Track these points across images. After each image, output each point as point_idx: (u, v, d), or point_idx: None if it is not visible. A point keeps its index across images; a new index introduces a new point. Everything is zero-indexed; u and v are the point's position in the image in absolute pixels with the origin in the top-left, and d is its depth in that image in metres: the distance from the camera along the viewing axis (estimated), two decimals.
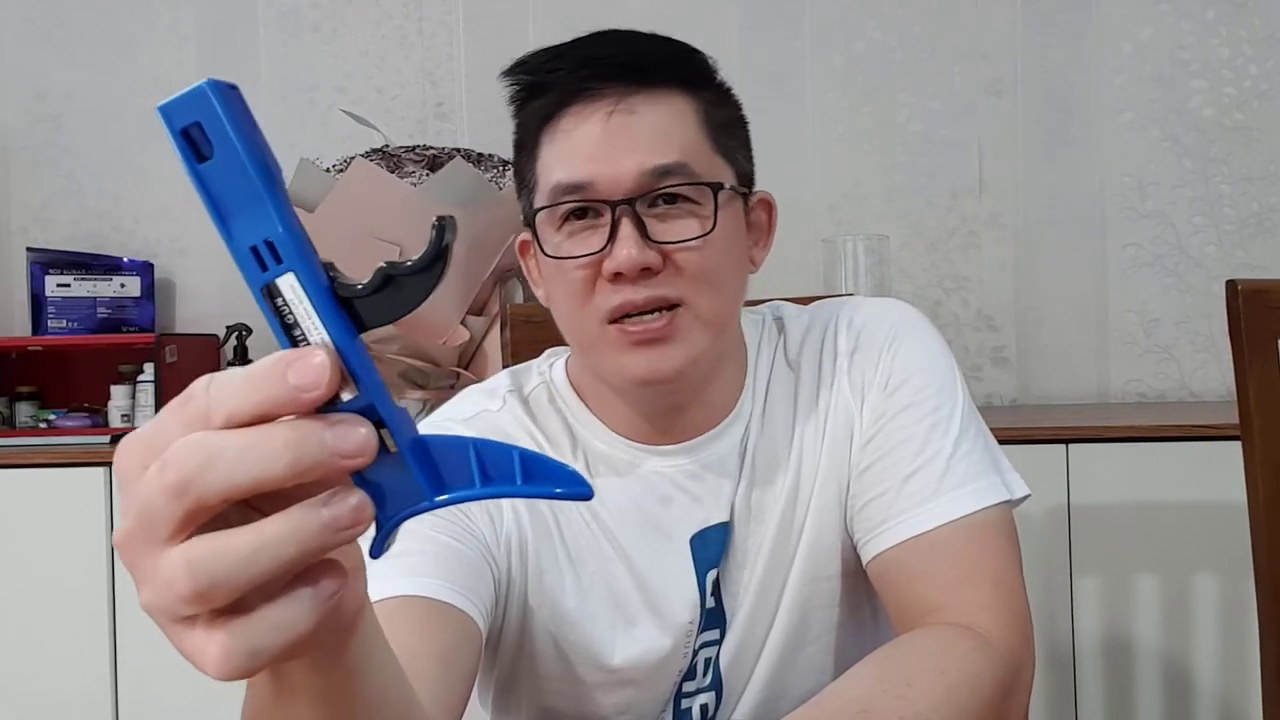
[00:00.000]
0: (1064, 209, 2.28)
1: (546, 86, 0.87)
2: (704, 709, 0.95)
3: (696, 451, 0.93)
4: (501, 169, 2.04)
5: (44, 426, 2.20)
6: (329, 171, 2.03)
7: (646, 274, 0.84)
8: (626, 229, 0.84)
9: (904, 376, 0.92)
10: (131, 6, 2.44)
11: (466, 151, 2.09)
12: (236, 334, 2.26)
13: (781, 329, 0.99)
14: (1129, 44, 2.27)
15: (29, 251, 2.30)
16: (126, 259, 2.35)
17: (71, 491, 1.92)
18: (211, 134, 0.39)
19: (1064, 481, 1.73)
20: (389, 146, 2.11)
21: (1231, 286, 1.22)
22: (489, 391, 0.98)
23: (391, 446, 0.41)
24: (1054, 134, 2.28)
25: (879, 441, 0.91)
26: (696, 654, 0.94)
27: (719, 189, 0.87)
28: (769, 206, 0.96)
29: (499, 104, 0.93)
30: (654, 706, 0.94)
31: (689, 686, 0.95)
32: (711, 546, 0.93)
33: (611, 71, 0.85)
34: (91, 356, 2.26)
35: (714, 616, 0.94)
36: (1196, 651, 1.72)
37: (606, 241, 0.84)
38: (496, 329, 1.99)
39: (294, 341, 0.41)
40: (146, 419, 1.93)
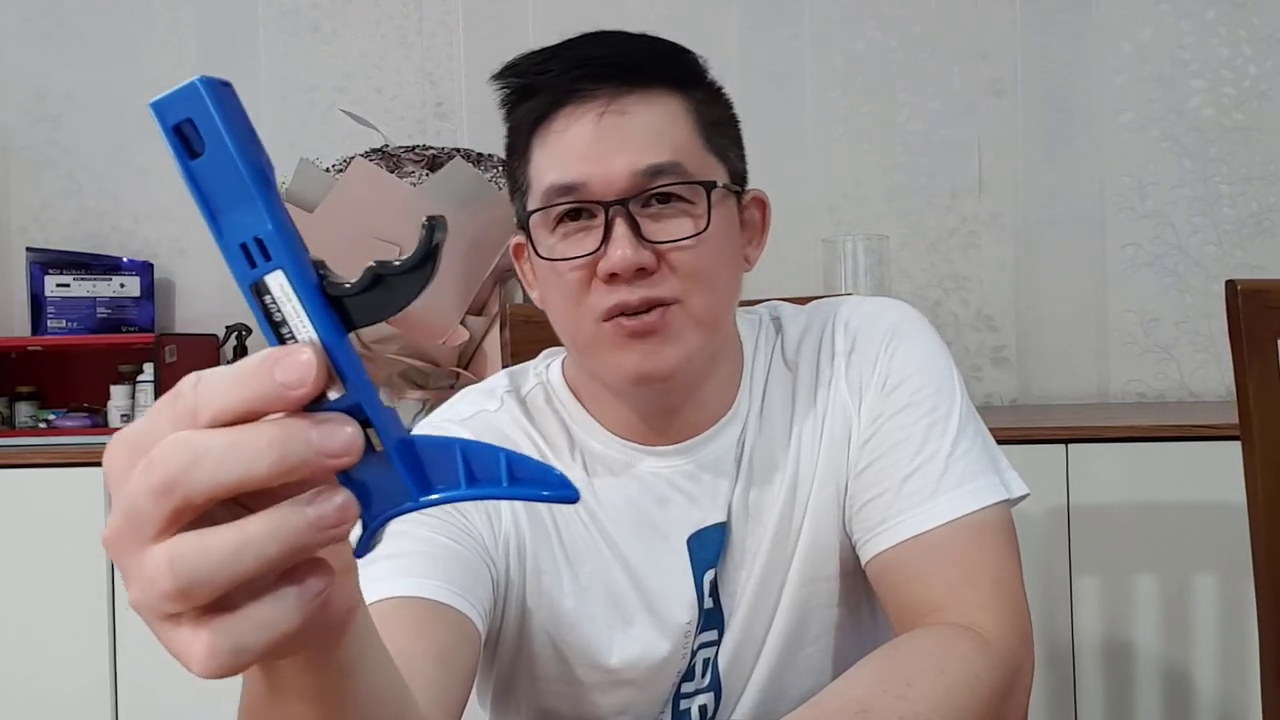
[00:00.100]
0: (1064, 209, 2.28)
1: (537, 88, 0.87)
2: (703, 710, 0.95)
3: (693, 452, 0.93)
4: (501, 169, 2.04)
5: (43, 426, 2.20)
6: (329, 171, 2.03)
7: (641, 274, 0.84)
8: (620, 229, 0.84)
9: (902, 376, 0.92)
10: (131, 6, 2.44)
11: (466, 151, 2.09)
12: (236, 334, 2.26)
13: (779, 329, 0.99)
14: (1129, 44, 2.27)
15: (29, 251, 2.30)
16: (126, 259, 2.35)
17: (71, 491, 1.92)
18: (203, 130, 0.39)
19: (1064, 481, 1.73)
20: (389, 146, 2.11)
21: (1231, 286, 1.22)
22: (487, 392, 0.98)
23: (378, 446, 0.41)
24: (1054, 134, 2.28)
25: (877, 441, 0.91)
26: (695, 655, 0.94)
27: (712, 187, 0.87)
28: (762, 205, 0.96)
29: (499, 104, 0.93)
30: (653, 707, 0.94)
31: (687, 687, 0.95)
32: (709, 547, 0.93)
33: (602, 72, 0.85)
34: (91, 356, 2.26)
35: (712, 617, 0.93)
36: (1196, 651, 1.71)
37: (601, 242, 0.84)
38: (496, 329, 1.99)
39: (282, 339, 0.41)
40: None
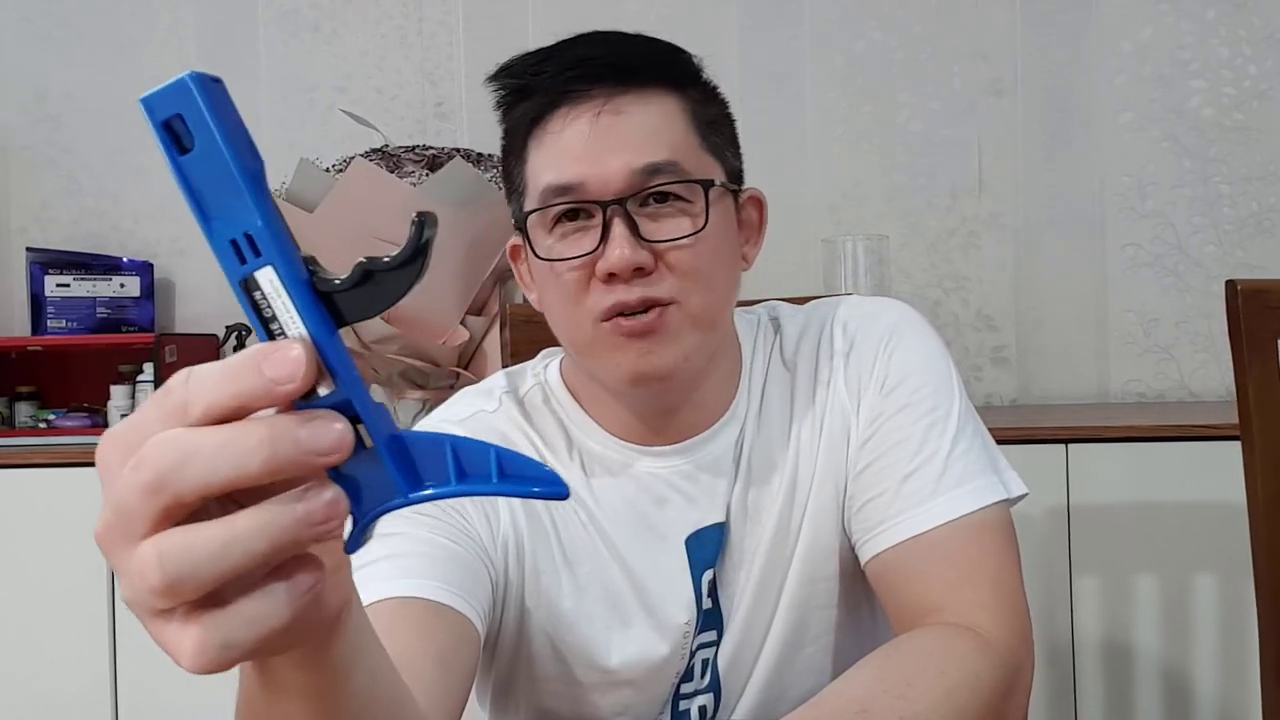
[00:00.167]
0: (1064, 209, 2.28)
1: (533, 89, 0.87)
2: (702, 710, 0.95)
3: (691, 452, 0.93)
4: (501, 169, 2.04)
5: (43, 426, 2.20)
6: (329, 171, 2.03)
7: (639, 274, 0.84)
8: (619, 229, 0.84)
9: (900, 376, 0.92)
10: (131, 6, 2.44)
11: (466, 151, 2.09)
12: (236, 334, 2.26)
13: (777, 329, 0.99)
14: (1129, 44, 2.26)
15: (29, 251, 2.29)
16: (126, 259, 2.35)
17: (71, 492, 1.91)
18: (193, 126, 0.39)
19: (1064, 481, 1.73)
20: (389, 146, 2.11)
21: (1231, 286, 1.22)
22: (485, 393, 0.98)
23: (368, 442, 0.41)
24: (1054, 134, 2.28)
25: (876, 442, 0.91)
26: (693, 655, 0.93)
27: (709, 186, 0.87)
28: (759, 204, 0.96)
29: None
30: (652, 708, 0.94)
31: (687, 688, 0.94)
32: (707, 547, 0.92)
33: (598, 73, 0.85)
34: (91, 356, 2.26)
35: (711, 618, 0.93)
36: (1196, 651, 1.71)
37: (599, 242, 0.84)
38: (496, 329, 1.99)
39: (271, 335, 0.41)
40: None
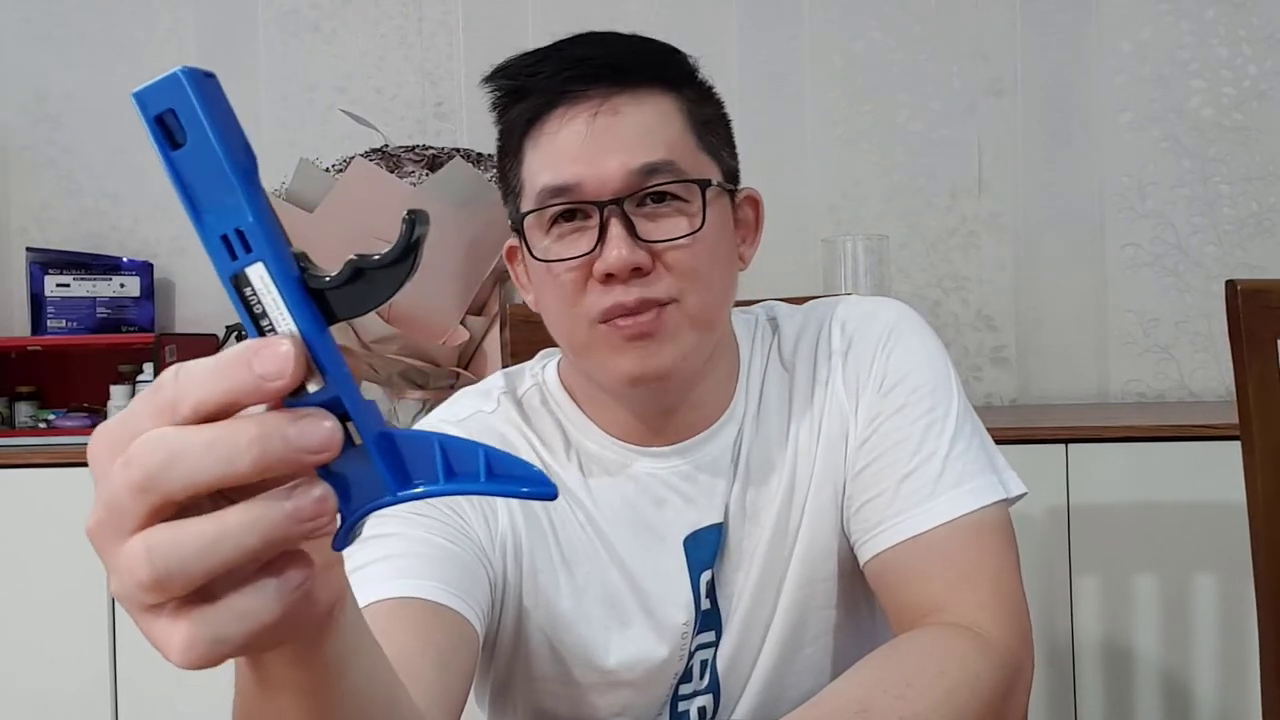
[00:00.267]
0: (1063, 209, 2.28)
1: (529, 90, 0.87)
2: (701, 711, 0.95)
3: (689, 453, 0.93)
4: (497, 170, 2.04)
5: (43, 426, 2.20)
6: (328, 171, 2.02)
7: (637, 274, 0.84)
8: (616, 229, 0.83)
9: (899, 376, 0.92)
10: (131, 6, 2.44)
11: (466, 151, 2.09)
12: (236, 334, 2.26)
13: (775, 329, 0.99)
14: (1129, 44, 2.26)
15: (28, 251, 2.29)
16: (126, 259, 2.35)
17: (71, 491, 1.91)
18: (185, 121, 0.39)
19: (1063, 481, 1.73)
20: (388, 146, 2.11)
21: (1231, 286, 1.21)
22: (483, 393, 0.98)
23: (357, 440, 0.41)
24: (1054, 134, 2.28)
25: (874, 442, 0.91)
26: (692, 656, 0.93)
27: (706, 186, 0.86)
28: (756, 204, 0.96)
29: None
30: (650, 709, 0.94)
31: (686, 689, 0.94)
32: (705, 548, 0.92)
33: (593, 73, 0.85)
34: (91, 356, 2.26)
35: (710, 618, 0.93)
36: (1196, 651, 1.71)
37: (596, 243, 0.84)
38: (496, 329, 1.99)
39: (261, 332, 0.41)
40: None
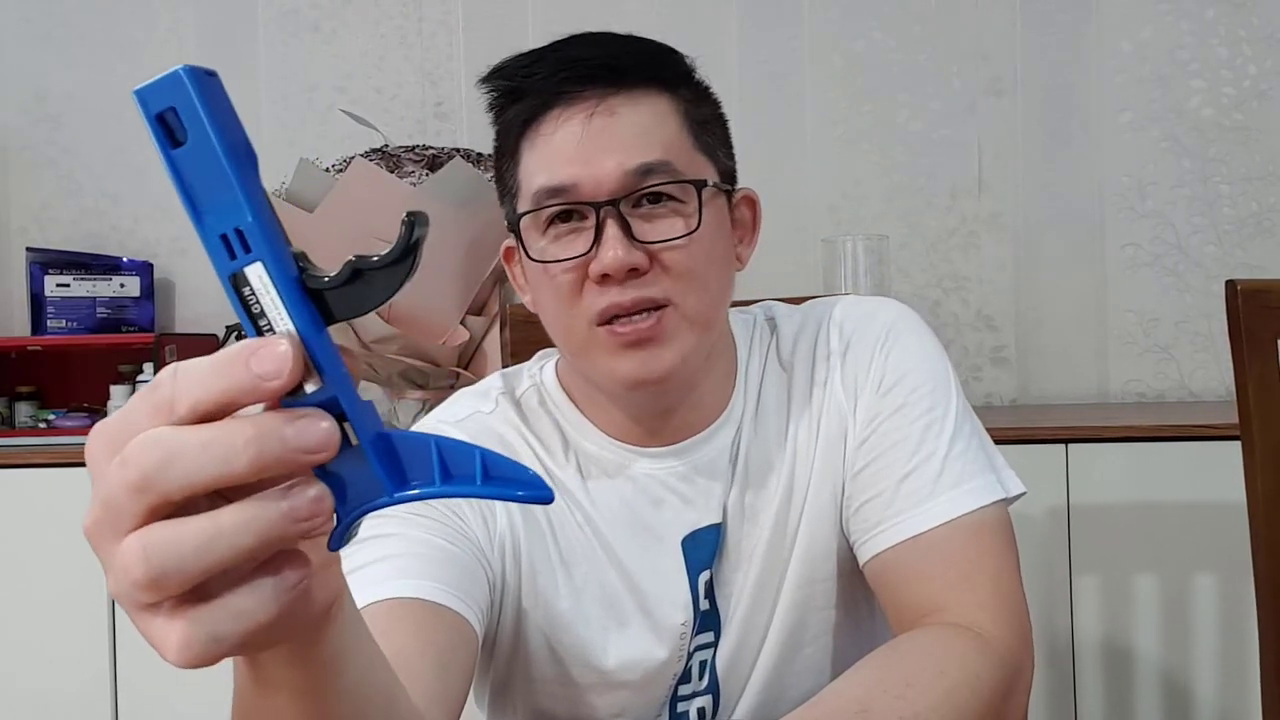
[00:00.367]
0: (1063, 209, 2.28)
1: (525, 91, 0.87)
2: (701, 712, 0.95)
3: (687, 453, 0.93)
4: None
5: (43, 426, 2.20)
6: (328, 171, 2.02)
7: (633, 274, 0.84)
8: (612, 230, 0.83)
9: (897, 376, 0.92)
10: (131, 6, 2.44)
11: (466, 151, 2.08)
12: (236, 334, 2.26)
13: (774, 329, 0.98)
14: (1129, 44, 2.26)
15: (28, 251, 2.29)
16: (126, 259, 2.35)
17: (71, 491, 1.91)
18: (186, 120, 0.39)
19: (1063, 481, 1.73)
20: (388, 146, 2.11)
21: (1231, 286, 1.22)
22: (481, 394, 0.98)
23: (354, 440, 0.41)
24: (1054, 134, 2.28)
25: (873, 442, 0.91)
26: (691, 657, 0.93)
27: (702, 186, 0.86)
28: (753, 204, 0.96)
29: None
30: (649, 710, 0.94)
31: (685, 689, 0.94)
32: (703, 548, 0.92)
33: (589, 74, 0.85)
34: (91, 356, 2.26)
35: (708, 619, 0.93)
36: (1196, 651, 1.71)
37: (592, 244, 0.84)
38: (496, 329, 1.99)
39: (260, 331, 0.41)
40: None
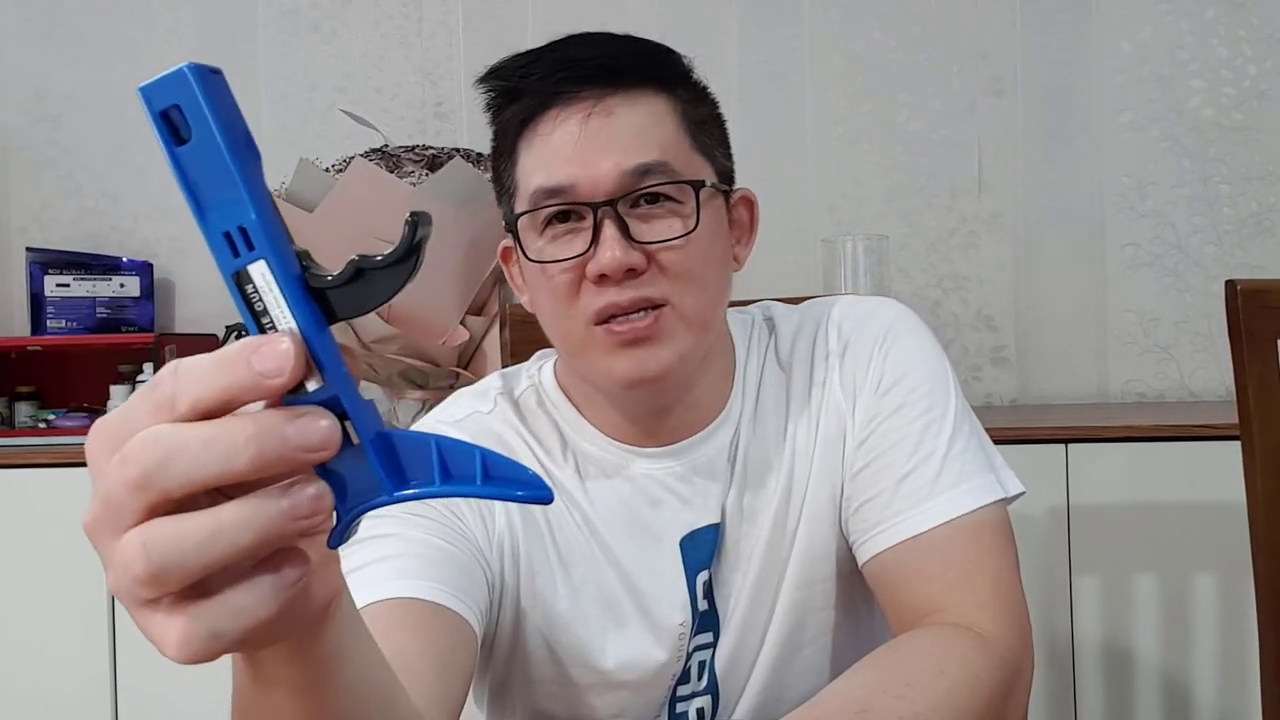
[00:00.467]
0: (1063, 209, 2.28)
1: (522, 92, 0.87)
2: (700, 712, 0.95)
3: (685, 454, 0.93)
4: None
5: (43, 426, 2.20)
6: (328, 171, 2.02)
7: (631, 275, 0.84)
8: (609, 230, 0.83)
9: (896, 377, 0.92)
10: (131, 6, 2.44)
11: (466, 151, 2.08)
12: (236, 334, 2.26)
13: (772, 329, 0.98)
14: (1129, 44, 2.26)
15: (28, 251, 2.29)
16: (126, 259, 2.35)
17: (71, 491, 1.90)
18: (190, 117, 0.39)
19: (1063, 481, 1.73)
20: (388, 146, 2.11)
21: (1231, 286, 1.22)
22: (480, 394, 0.98)
23: (355, 439, 0.41)
24: (1054, 134, 2.28)
25: (872, 443, 0.91)
26: (690, 657, 0.93)
27: (700, 186, 0.86)
28: (750, 204, 0.96)
29: None
30: (649, 710, 0.94)
31: (684, 690, 0.94)
32: (701, 548, 0.92)
33: (587, 74, 0.85)
34: (91, 356, 2.26)
35: (707, 619, 0.93)
36: (1196, 651, 1.71)
37: (590, 244, 0.84)
38: (496, 329, 1.99)
39: (262, 329, 0.41)
40: None
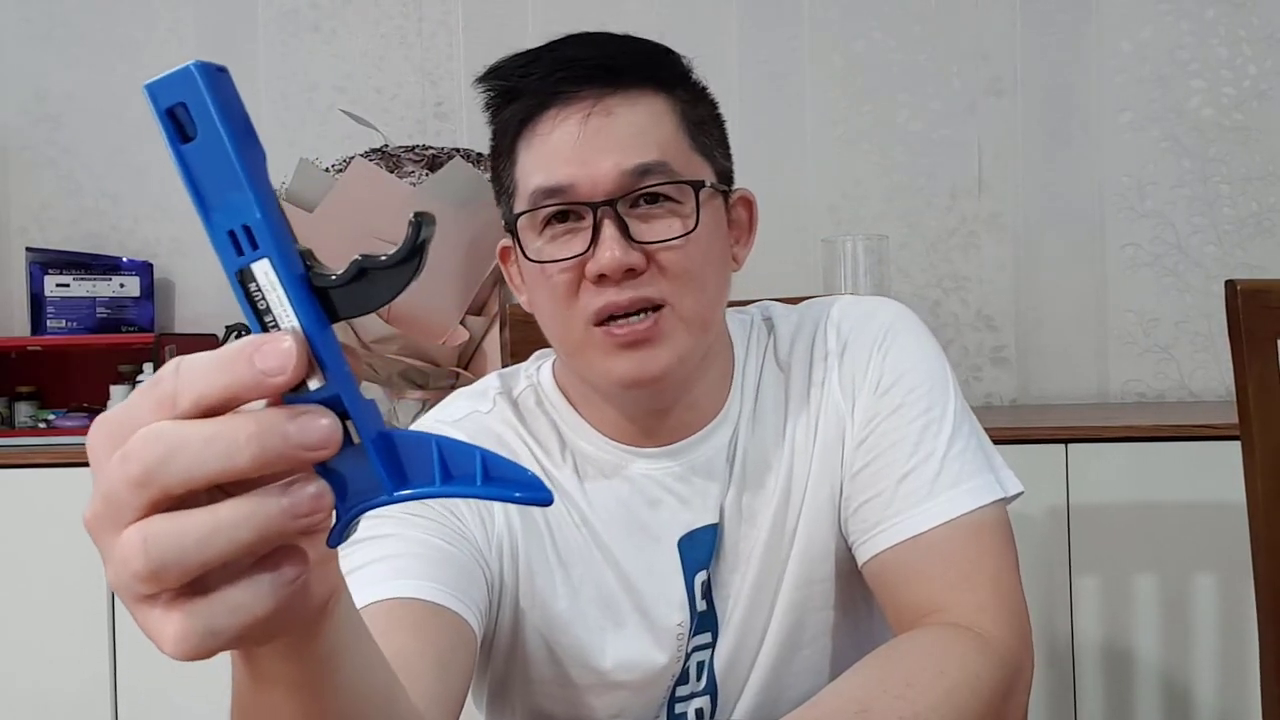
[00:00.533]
0: (1063, 209, 2.28)
1: (521, 91, 0.87)
2: (699, 713, 0.95)
3: (683, 454, 0.93)
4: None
5: (43, 426, 2.20)
6: (328, 171, 2.02)
7: (630, 275, 0.84)
8: (609, 230, 0.83)
9: (895, 377, 0.92)
10: (131, 6, 2.44)
11: (466, 151, 2.08)
12: (235, 334, 2.26)
13: (771, 329, 0.98)
14: (1129, 44, 2.26)
15: (28, 251, 2.29)
16: (125, 259, 2.35)
17: (71, 491, 1.89)
18: (196, 115, 0.39)
19: (1063, 481, 1.73)
20: (388, 146, 2.11)
21: (1231, 286, 1.22)
22: (478, 394, 0.98)
23: (356, 438, 0.41)
24: (1054, 134, 2.28)
25: (872, 443, 0.91)
26: (689, 658, 0.93)
27: (700, 187, 0.86)
28: (749, 204, 0.96)
29: None
30: (648, 710, 0.94)
31: (682, 690, 0.94)
32: (700, 548, 0.92)
33: (586, 74, 0.85)
34: (91, 356, 2.26)
35: (706, 620, 0.93)
36: (1195, 651, 1.71)
37: (589, 244, 0.84)
38: (496, 329, 1.99)
39: (265, 328, 0.41)
40: None
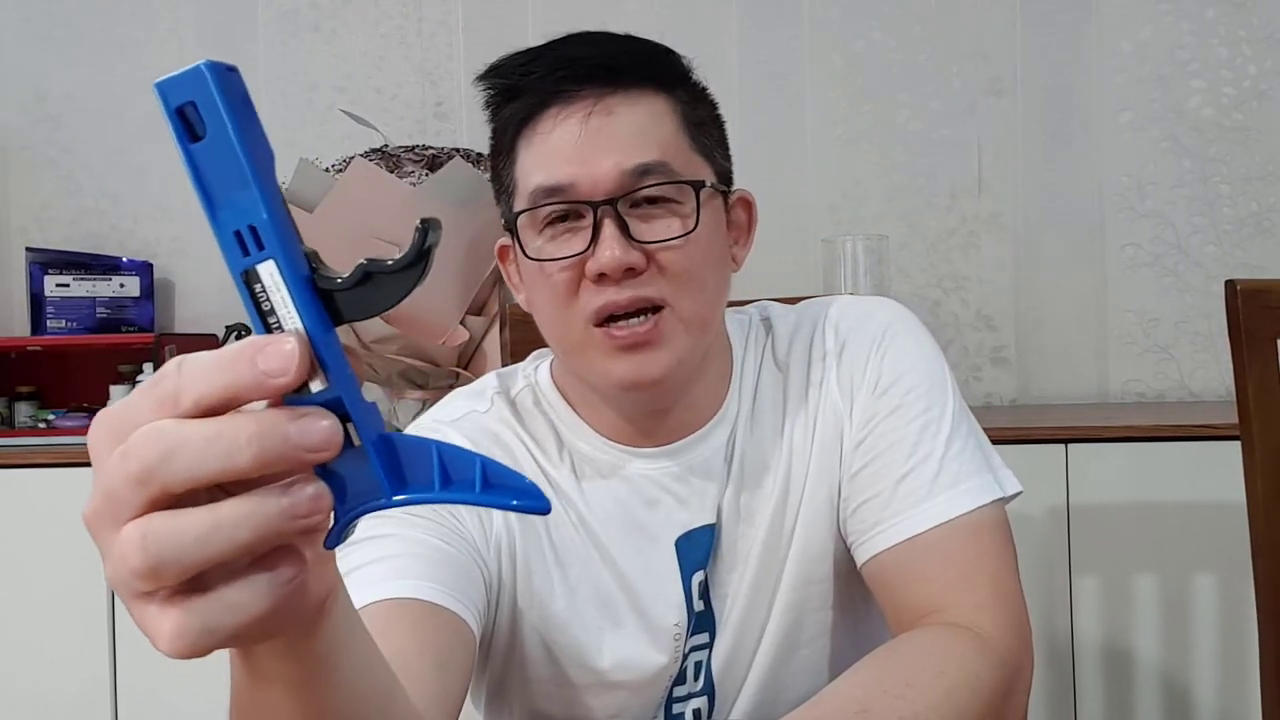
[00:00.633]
0: (1063, 209, 2.28)
1: (522, 90, 0.87)
2: (697, 713, 0.95)
3: (681, 454, 0.92)
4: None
5: (43, 426, 2.20)
6: (328, 171, 2.02)
7: (630, 274, 0.84)
8: (609, 229, 0.83)
9: (893, 377, 0.92)
10: (131, 6, 2.44)
11: (466, 151, 2.09)
12: (236, 334, 2.26)
13: (769, 329, 0.98)
14: (1128, 44, 2.26)
15: (28, 251, 2.29)
16: (125, 259, 2.35)
17: (71, 491, 1.89)
18: (205, 114, 0.39)
19: (1063, 481, 1.73)
20: (388, 146, 2.11)
21: (1230, 286, 1.22)
22: (476, 394, 0.98)
23: (357, 441, 0.41)
24: (1053, 134, 2.28)
25: (870, 443, 0.91)
26: (686, 658, 0.93)
27: (700, 187, 0.86)
28: (748, 205, 0.96)
29: None
30: (645, 711, 0.94)
31: (680, 691, 0.94)
32: (697, 549, 0.92)
33: (587, 73, 0.85)
34: (91, 356, 2.26)
35: (704, 620, 0.93)
36: (1195, 651, 1.71)
37: (589, 243, 0.84)
38: (496, 329, 1.99)
39: (268, 329, 0.41)
40: None
